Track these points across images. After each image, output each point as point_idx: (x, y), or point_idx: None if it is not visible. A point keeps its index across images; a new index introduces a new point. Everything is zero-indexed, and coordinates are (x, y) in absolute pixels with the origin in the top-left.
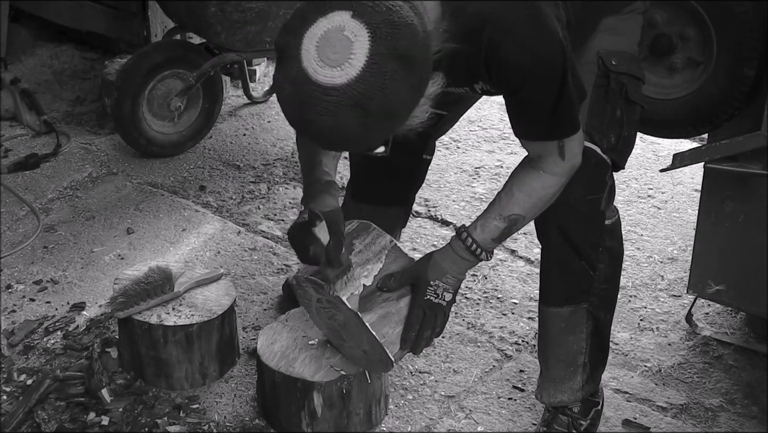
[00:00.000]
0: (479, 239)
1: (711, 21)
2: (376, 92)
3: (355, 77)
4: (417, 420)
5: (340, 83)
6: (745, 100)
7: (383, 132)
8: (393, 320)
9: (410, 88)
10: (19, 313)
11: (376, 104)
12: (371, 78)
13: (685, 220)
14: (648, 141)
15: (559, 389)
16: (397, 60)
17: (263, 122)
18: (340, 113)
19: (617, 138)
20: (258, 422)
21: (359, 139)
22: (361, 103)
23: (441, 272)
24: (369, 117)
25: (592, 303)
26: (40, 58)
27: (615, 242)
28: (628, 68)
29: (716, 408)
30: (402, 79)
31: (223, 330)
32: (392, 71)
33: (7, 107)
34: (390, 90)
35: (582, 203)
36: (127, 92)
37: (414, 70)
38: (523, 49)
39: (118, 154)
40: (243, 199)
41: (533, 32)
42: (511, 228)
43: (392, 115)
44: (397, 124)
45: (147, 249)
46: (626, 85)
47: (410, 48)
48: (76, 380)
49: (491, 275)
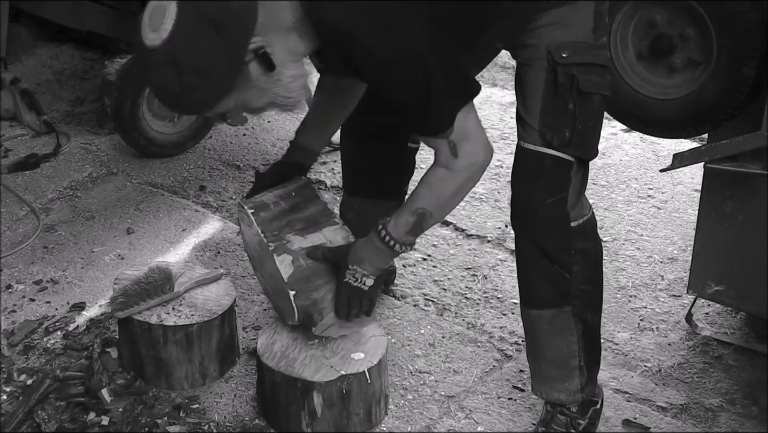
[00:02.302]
0: (393, 232)
1: (711, 21)
2: (186, 52)
3: (167, 38)
4: (417, 420)
5: (156, 44)
6: (745, 100)
7: (206, 91)
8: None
9: (220, 49)
10: (19, 313)
11: (189, 63)
12: (181, 39)
13: (685, 220)
14: (648, 141)
15: (553, 387)
16: (205, 24)
17: (263, 122)
18: (159, 71)
19: (571, 132)
20: (258, 422)
21: (182, 96)
22: (175, 60)
23: (359, 258)
24: (183, 74)
25: (575, 305)
26: (40, 58)
27: (587, 242)
28: (581, 58)
29: (716, 408)
30: (211, 41)
31: (223, 330)
32: (201, 33)
33: (7, 107)
34: (198, 50)
35: (543, 207)
36: (127, 92)
37: (222, 34)
38: (371, 56)
39: (118, 154)
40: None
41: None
42: (421, 222)
43: (206, 72)
44: (219, 86)
45: (147, 249)
46: (576, 77)
47: (217, 15)
48: (76, 380)
49: (491, 275)
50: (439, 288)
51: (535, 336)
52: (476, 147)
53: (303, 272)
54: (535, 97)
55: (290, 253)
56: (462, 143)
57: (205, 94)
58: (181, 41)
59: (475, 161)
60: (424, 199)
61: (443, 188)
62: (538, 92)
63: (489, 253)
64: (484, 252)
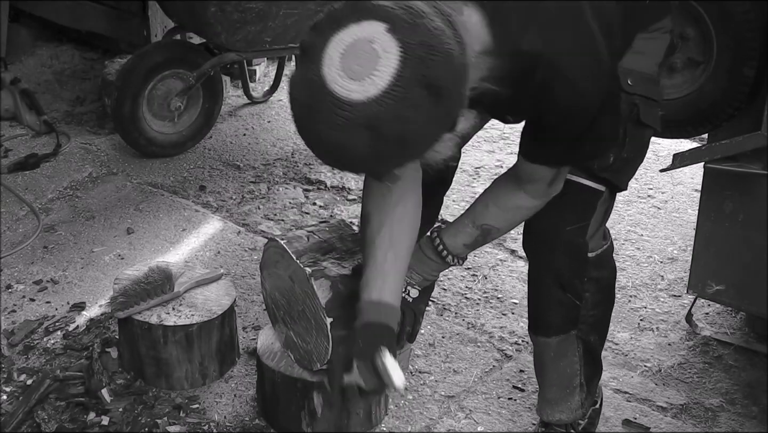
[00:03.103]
0: (449, 243)
1: (711, 21)
2: (394, 118)
3: (375, 97)
4: (417, 420)
5: (357, 99)
6: (745, 100)
7: (394, 161)
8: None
9: (433, 120)
10: (19, 313)
11: (392, 131)
12: (392, 102)
13: (685, 220)
14: None
15: (556, 409)
16: (425, 88)
17: (263, 122)
18: (351, 132)
19: (615, 158)
20: (258, 422)
21: (366, 163)
22: (376, 125)
23: None
24: (380, 142)
25: (581, 329)
26: (40, 58)
27: (603, 271)
28: (644, 90)
29: (716, 408)
30: (426, 109)
31: (223, 330)
32: (416, 99)
33: (7, 107)
34: (409, 119)
35: (562, 233)
36: (127, 92)
37: (440, 102)
38: (575, 93)
39: (118, 154)
40: (243, 199)
41: (588, 72)
42: (485, 237)
43: (407, 145)
44: (411, 156)
45: (147, 249)
46: (638, 106)
47: (442, 78)
48: (76, 380)
49: (491, 275)
50: (439, 288)
51: (542, 362)
52: (564, 177)
53: (341, 298)
54: None
55: (328, 278)
56: (563, 172)
57: (395, 164)
58: (392, 107)
59: (558, 190)
60: (494, 218)
61: (519, 210)
62: None
63: (489, 253)
64: (484, 252)
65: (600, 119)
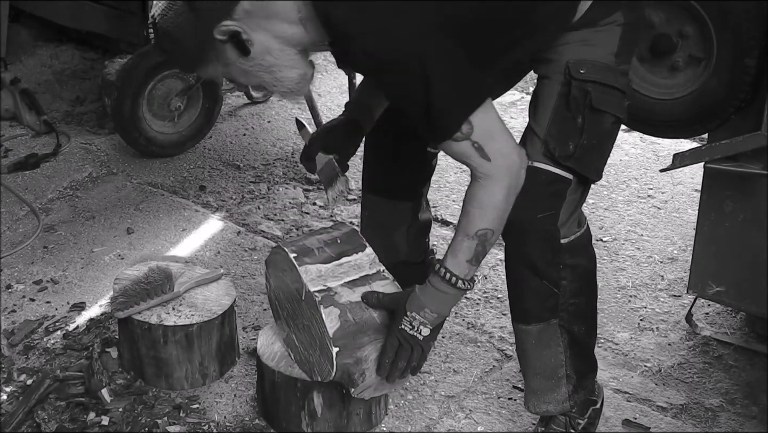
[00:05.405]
0: (452, 266)
1: (709, 18)
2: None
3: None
4: (417, 420)
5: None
6: (750, 91)
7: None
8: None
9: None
10: (19, 313)
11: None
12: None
13: (685, 220)
14: (648, 141)
15: (542, 399)
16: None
17: (263, 122)
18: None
19: (575, 146)
20: (258, 422)
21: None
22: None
23: (419, 305)
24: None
25: (562, 318)
26: (40, 58)
27: (579, 258)
28: (599, 77)
29: (716, 408)
30: (185, 15)
31: (223, 330)
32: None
33: (7, 107)
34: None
35: (531, 221)
36: (127, 92)
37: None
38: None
39: (118, 154)
40: (243, 199)
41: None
42: (483, 244)
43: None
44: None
45: (147, 249)
46: (590, 93)
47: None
48: (76, 380)
49: (491, 275)
50: None
51: (523, 350)
52: (506, 145)
53: (350, 327)
54: (546, 109)
55: (338, 306)
56: (489, 143)
57: (180, 58)
58: (166, 12)
59: (512, 161)
60: (479, 219)
61: (493, 199)
62: (550, 104)
63: (489, 253)
64: None
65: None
